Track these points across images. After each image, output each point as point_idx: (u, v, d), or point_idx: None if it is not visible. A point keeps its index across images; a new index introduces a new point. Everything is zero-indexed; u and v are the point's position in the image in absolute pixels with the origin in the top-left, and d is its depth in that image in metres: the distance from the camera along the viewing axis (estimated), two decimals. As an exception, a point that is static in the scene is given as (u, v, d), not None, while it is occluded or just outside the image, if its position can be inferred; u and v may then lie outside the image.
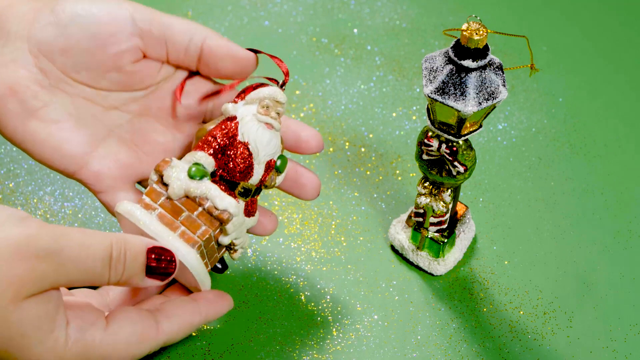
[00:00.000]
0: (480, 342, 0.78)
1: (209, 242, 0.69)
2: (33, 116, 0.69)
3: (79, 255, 0.61)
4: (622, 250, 0.83)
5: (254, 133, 0.70)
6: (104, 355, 0.64)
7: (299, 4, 0.99)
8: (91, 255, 0.62)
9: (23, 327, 0.60)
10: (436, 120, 0.73)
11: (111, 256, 0.63)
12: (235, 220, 0.69)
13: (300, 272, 0.81)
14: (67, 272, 0.61)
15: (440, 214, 0.79)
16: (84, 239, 0.62)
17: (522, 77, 0.94)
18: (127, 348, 0.65)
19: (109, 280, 0.63)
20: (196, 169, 0.68)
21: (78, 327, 0.63)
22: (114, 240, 0.63)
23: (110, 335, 0.64)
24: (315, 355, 0.77)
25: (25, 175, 0.86)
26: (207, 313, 0.70)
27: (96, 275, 0.62)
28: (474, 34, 0.70)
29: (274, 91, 0.71)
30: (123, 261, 0.63)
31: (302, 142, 0.73)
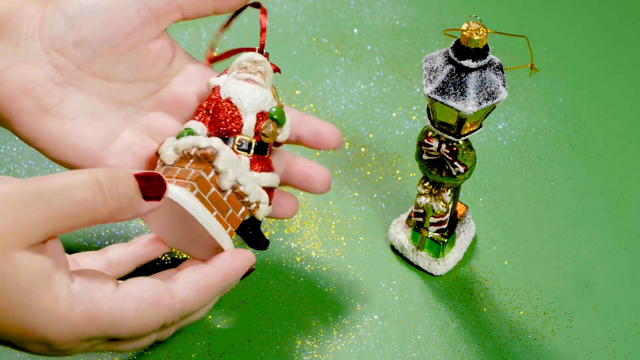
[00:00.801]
0: (480, 342, 0.78)
1: (205, 185, 0.67)
2: (47, 113, 0.69)
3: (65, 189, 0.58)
4: (622, 250, 0.83)
5: (234, 87, 0.71)
6: (113, 319, 0.59)
7: (299, 4, 0.99)
8: (78, 186, 0.58)
9: (17, 282, 0.57)
10: (436, 120, 0.73)
11: (100, 183, 0.59)
12: (224, 155, 0.67)
13: (300, 272, 0.81)
14: (57, 210, 0.57)
15: (440, 214, 0.79)
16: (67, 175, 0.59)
17: (522, 77, 0.94)
18: (138, 313, 0.60)
19: (107, 209, 0.59)
20: (182, 131, 0.69)
21: (83, 287, 0.59)
22: (98, 171, 0.60)
23: (120, 297, 0.60)
24: (315, 355, 0.77)
25: (25, 175, 0.86)
26: (225, 273, 0.64)
27: (89, 205, 0.59)
28: (474, 34, 0.70)
29: (249, 54, 0.72)
30: (116, 185, 0.60)
31: (321, 138, 0.73)
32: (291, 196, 0.74)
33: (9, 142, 0.88)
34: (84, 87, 0.71)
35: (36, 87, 0.69)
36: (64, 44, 0.69)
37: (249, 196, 0.69)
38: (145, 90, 0.72)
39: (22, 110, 0.69)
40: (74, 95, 0.70)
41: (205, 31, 0.96)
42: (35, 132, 0.70)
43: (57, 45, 0.69)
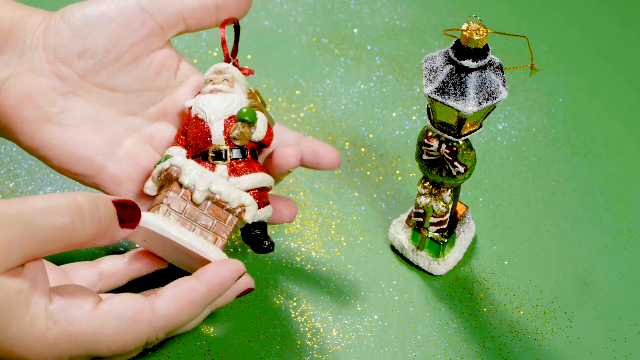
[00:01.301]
0: (480, 342, 0.78)
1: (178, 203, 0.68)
2: (49, 122, 0.70)
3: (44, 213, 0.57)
4: (622, 250, 0.83)
5: (200, 102, 0.71)
6: (92, 337, 0.59)
7: (299, 4, 0.99)
8: (57, 209, 0.58)
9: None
10: (436, 120, 0.73)
11: (80, 207, 0.59)
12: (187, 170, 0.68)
13: (300, 272, 0.81)
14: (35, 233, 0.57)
15: (440, 214, 0.79)
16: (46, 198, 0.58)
17: (522, 77, 0.94)
18: (117, 331, 0.60)
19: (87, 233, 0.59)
20: (161, 158, 0.70)
21: (61, 307, 0.59)
22: (79, 195, 0.59)
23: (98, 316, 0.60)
24: (315, 355, 0.77)
25: (25, 175, 0.86)
26: (210, 284, 0.64)
27: (68, 230, 0.58)
28: (474, 34, 0.70)
29: (214, 66, 0.73)
30: (97, 210, 0.59)
31: (320, 158, 0.74)
32: (288, 200, 0.75)
33: (9, 142, 0.88)
34: (87, 97, 0.71)
35: (39, 96, 0.69)
36: (68, 54, 0.70)
37: (229, 203, 0.69)
38: (149, 101, 0.73)
39: (25, 119, 0.69)
40: (76, 105, 0.70)
41: (205, 31, 0.96)
42: (37, 141, 0.70)
43: (61, 56, 0.70)
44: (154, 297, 0.63)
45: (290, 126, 0.90)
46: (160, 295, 0.63)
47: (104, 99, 0.71)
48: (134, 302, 0.61)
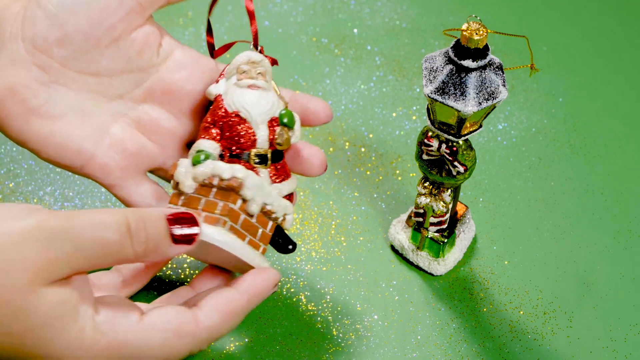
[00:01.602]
0: (480, 342, 0.78)
1: (235, 215, 0.66)
2: (35, 114, 0.69)
3: (93, 230, 0.58)
4: (622, 250, 0.83)
5: (239, 97, 0.69)
6: (138, 349, 0.60)
7: (299, 4, 0.99)
8: (106, 227, 0.59)
9: (42, 316, 0.57)
10: (436, 120, 0.73)
11: (129, 226, 0.59)
12: (250, 183, 0.66)
13: (300, 272, 0.81)
14: (84, 250, 0.58)
15: (440, 214, 0.79)
16: (95, 216, 0.59)
17: (522, 77, 0.94)
18: (163, 343, 0.61)
19: (134, 251, 0.60)
20: (197, 155, 0.67)
21: (108, 318, 0.60)
22: (128, 212, 0.60)
23: (144, 327, 0.60)
24: (315, 355, 0.77)
25: (25, 175, 0.86)
26: (250, 295, 0.64)
27: (116, 247, 0.59)
28: (474, 34, 0.70)
29: (246, 55, 0.70)
30: (144, 228, 0.60)
31: (309, 114, 0.72)
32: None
33: (9, 142, 0.88)
34: (71, 85, 0.70)
35: (22, 89, 0.68)
36: (47, 43, 0.68)
37: (276, 212, 0.69)
38: (134, 82, 0.71)
39: (10, 114, 0.69)
40: (60, 94, 0.69)
41: (204, 31, 0.96)
42: (25, 134, 0.69)
43: (40, 45, 0.68)
44: (196, 310, 0.63)
45: (290, 126, 0.90)
46: (203, 307, 0.63)
47: (88, 85, 0.70)
48: (178, 315, 0.62)
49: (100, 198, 0.85)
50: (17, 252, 0.57)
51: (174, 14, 0.97)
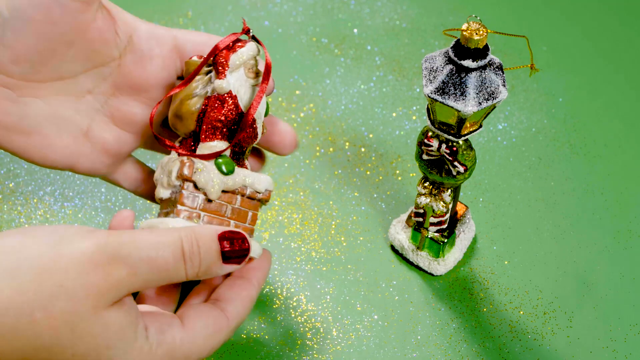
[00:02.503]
0: (480, 342, 0.78)
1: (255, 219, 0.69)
2: (12, 132, 0.69)
3: (150, 255, 0.60)
4: (622, 250, 0.83)
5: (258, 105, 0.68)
6: (187, 352, 0.63)
7: (299, 4, 0.99)
8: (162, 253, 0.61)
9: (107, 338, 0.60)
10: (436, 120, 0.73)
11: (183, 250, 0.62)
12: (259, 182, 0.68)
13: (300, 272, 0.81)
14: (141, 274, 0.60)
15: (440, 214, 0.79)
16: (151, 239, 0.61)
17: (522, 77, 0.94)
18: (206, 342, 0.64)
19: (187, 275, 0.62)
20: (226, 164, 0.67)
21: (158, 330, 0.62)
22: (183, 234, 0.62)
23: (188, 332, 0.64)
24: (315, 355, 0.77)
25: (25, 175, 0.86)
26: (258, 280, 0.68)
27: (171, 271, 0.61)
28: (474, 34, 0.70)
29: (252, 49, 0.68)
30: (197, 252, 0.62)
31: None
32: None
33: (9, 142, 0.88)
34: (40, 94, 0.69)
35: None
36: (3, 65, 0.67)
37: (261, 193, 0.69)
38: (99, 76, 0.71)
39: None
40: (32, 107, 0.69)
41: (204, 31, 0.96)
42: (10, 149, 0.70)
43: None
44: (224, 305, 0.66)
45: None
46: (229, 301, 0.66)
47: (55, 89, 0.70)
48: (212, 313, 0.65)
49: (100, 198, 0.85)
50: (80, 278, 0.59)
51: (174, 14, 0.97)
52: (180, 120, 0.68)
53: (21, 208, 0.84)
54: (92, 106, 0.71)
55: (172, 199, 0.67)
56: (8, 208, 0.84)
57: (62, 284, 0.58)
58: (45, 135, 0.70)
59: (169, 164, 0.67)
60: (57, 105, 0.70)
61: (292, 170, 0.87)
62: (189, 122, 0.67)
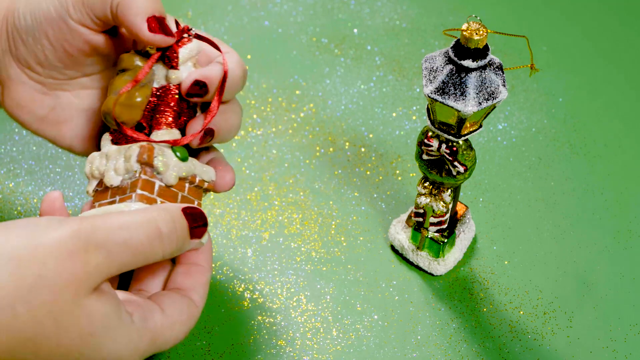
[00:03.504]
0: (480, 342, 0.78)
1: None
2: (45, 123, 0.72)
3: (124, 238, 0.60)
4: (622, 250, 0.83)
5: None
6: (166, 337, 0.64)
7: (299, 4, 0.99)
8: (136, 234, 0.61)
9: (91, 325, 0.60)
10: (436, 120, 0.73)
11: (160, 230, 0.62)
12: None
13: (300, 272, 0.81)
14: (117, 258, 0.60)
15: (440, 214, 0.79)
16: (125, 221, 0.61)
17: (522, 77, 0.94)
18: (182, 327, 0.65)
19: (163, 254, 0.63)
20: (180, 151, 0.68)
21: (142, 317, 0.63)
22: (156, 214, 0.62)
23: (167, 318, 0.64)
24: (315, 355, 0.77)
25: (25, 175, 0.86)
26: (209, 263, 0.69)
27: (147, 253, 0.62)
28: (474, 34, 0.70)
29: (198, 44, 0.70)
30: (174, 230, 0.63)
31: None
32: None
33: (9, 142, 0.88)
34: (69, 88, 0.72)
35: (27, 103, 0.71)
36: (31, 66, 0.70)
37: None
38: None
39: (23, 121, 0.72)
40: (62, 100, 0.72)
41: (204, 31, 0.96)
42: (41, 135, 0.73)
43: (26, 65, 0.70)
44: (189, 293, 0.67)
45: (291, 126, 0.90)
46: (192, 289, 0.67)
47: (83, 84, 0.72)
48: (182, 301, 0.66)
49: (100, 198, 0.85)
50: (58, 267, 0.59)
51: (173, 14, 0.97)
52: (129, 109, 0.68)
53: (21, 208, 0.84)
54: None
55: (122, 186, 0.67)
56: (8, 208, 0.84)
57: (41, 275, 0.58)
58: (75, 125, 0.72)
59: (128, 151, 0.67)
60: (85, 98, 0.72)
61: (292, 170, 0.87)
62: (137, 112, 0.68)
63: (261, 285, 0.80)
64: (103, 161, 0.68)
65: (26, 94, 0.71)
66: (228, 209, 0.85)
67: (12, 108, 0.72)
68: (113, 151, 0.68)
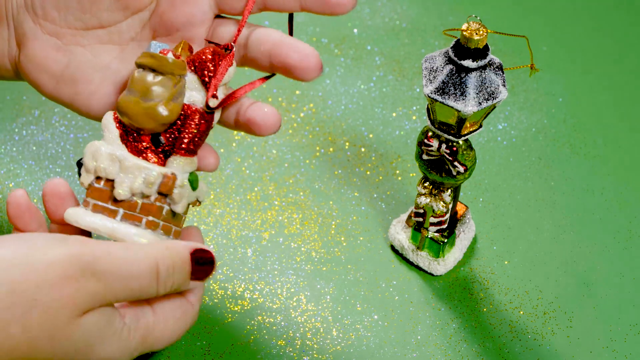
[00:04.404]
0: (480, 342, 0.78)
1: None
2: (61, 81, 0.70)
3: (124, 274, 0.61)
4: (622, 250, 0.83)
5: None
6: (158, 336, 0.64)
7: (299, 4, 0.99)
8: (136, 272, 0.61)
9: (86, 339, 0.60)
10: (436, 120, 0.73)
11: (158, 271, 0.62)
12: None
13: (300, 272, 0.81)
14: (114, 291, 0.61)
15: (440, 214, 0.79)
16: (126, 256, 0.61)
17: (522, 77, 0.94)
18: (175, 326, 0.65)
19: (158, 292, 0.63)
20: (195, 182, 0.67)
21: (133, 317, 0.63)
22: (158, 255, 0.62)
23: (159, 316, 0.64)
24: (315, 355, 0.77)
25: (25, 175, 0.86)
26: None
27: (144, 289, 0.62)
28: (474, 34, 0.70)
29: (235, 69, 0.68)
30: (172, 275, 0.63)
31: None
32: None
33: (9, 142, 0.88)
34: (85, 43, 0.70)
35: (42, 60, 0.70)
36: (46, 11, 0.69)
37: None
38: (140, 21, 0.71)
39: (38, 81, 0.70)
40: (77, 56, 0.70)
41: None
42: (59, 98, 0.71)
43: (41, 14, 0.69)
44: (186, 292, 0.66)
45: (291, 126, 0.90)
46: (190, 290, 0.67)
47: (99, 37, 0.71)
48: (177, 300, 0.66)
49: (100, 198, 0.85)
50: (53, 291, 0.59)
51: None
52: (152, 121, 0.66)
53: (21, 208, 0.84)
54: (136, 53, 0.71)
55: (131, 202, 0.65)
56: (8, 208, 0.84)
57: (35, 298, 0.58)
58: (90, 82, 0.70)
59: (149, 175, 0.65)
60: (101, 54, 0.71)
61: (292, 170, 0.87)
62: (159, 126, 0.66)
63: (261, 285, 0.80)
64: (115, 168, 0.65)
65: (41, 50, 0.69)
66: (228, 209, 0.85)
67: (28, 68, 0.70)
68: (131, 166, 0.65)
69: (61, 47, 0.70)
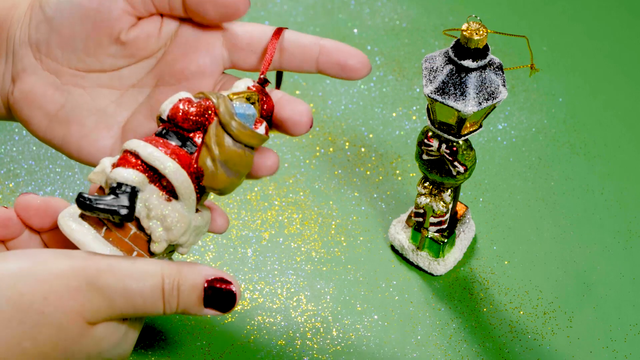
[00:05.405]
0: (480, 342, 0.78)
1: None
2: (54, 120, 0.69)
3: (128, 290, 0.60)
4: (622, 250, 0.83)
5: None
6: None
7: (299, 4, 0.99)
8: (140, 289, 0.60)
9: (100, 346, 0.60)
10: (436, 120, 0.73)
11: (163, 290, 0.61)
12: None
13: (300, 272, 0.81)
14: (118, 307, 0.60)
15: (440, 214, 0.79)
16: (131, 272, 0.60)
17: (522, 77, 0.94)
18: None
19: (165, 312, 0.62)
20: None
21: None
22: (165, 273, 0.61)
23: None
24: (315, 355, 0.77)
25: (25, 175, 0.86)
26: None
27: (148, 307, 0.61)
28: (474, 34, 0.70)
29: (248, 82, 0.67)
30: (177, 295, 0.61)
31: (344, 69, 0.69)
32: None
33: (9, 142, 0.88)
34: (84, 84, 0.69)
35: (38, 97, 0.68)
36: (49, 47, 0.68)
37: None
38: (142, 69, 0.70)
39: (30, 118, 0.69)
40: (75, 97, 0.69)
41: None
42: (50, 140, 0.70)
43: (45, 50, 0.68)
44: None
45: (290, 126, 0.90)
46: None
47: (100, 80, 0.70)
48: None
49: (100, 198, 0.85)
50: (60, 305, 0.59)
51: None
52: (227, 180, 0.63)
53: (21, 208, 0.84)
54: (135, 99, 0.70)
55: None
56: (8, 208, 0.84)
57: (43, 312, 0.58)
58: (83, 125, 0.69)
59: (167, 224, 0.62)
60: (98, 97, 0.70)
61: (292, 170, 0.87)
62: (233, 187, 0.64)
63: (261, 285, 0.80)
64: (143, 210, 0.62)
65: (38, 86, 0.68)
66: (228, 209, 0.85)
67: (22, 103, 0.69)
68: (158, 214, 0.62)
69: (59, 87, 0.69)
